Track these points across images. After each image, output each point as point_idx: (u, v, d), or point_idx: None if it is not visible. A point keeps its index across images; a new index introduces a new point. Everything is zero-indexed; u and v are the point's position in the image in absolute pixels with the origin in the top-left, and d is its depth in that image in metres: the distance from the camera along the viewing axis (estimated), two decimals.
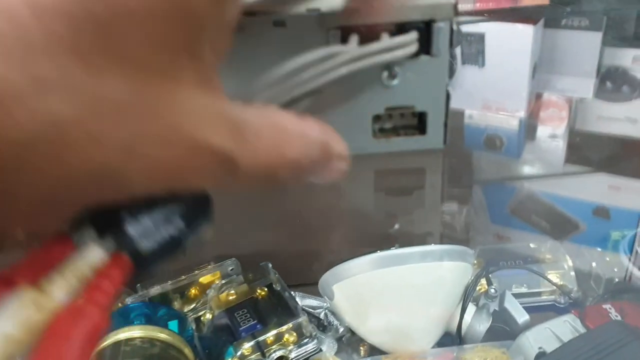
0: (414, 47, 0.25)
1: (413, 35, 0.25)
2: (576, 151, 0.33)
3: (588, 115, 0.37)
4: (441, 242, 0.26)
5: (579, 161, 0.32)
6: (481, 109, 0.39)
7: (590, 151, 0.32)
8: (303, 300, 0.24)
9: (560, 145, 0.35)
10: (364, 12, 0.25)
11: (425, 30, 0.26)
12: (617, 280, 0.24)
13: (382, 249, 0.21)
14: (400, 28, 0.25)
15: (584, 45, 0.41)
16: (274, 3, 0.26)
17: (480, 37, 0.39)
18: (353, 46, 0.24)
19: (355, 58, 0.24)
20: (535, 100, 0.40)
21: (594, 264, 0.24)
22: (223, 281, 0.23)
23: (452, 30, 0.26)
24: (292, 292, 0.23)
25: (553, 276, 0.24)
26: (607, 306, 0.22)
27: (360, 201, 0.29)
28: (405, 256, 0.21)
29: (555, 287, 0.24)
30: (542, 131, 0.37)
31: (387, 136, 0.28)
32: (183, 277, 0.23)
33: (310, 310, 0.24)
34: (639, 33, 0.42)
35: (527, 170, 0.33)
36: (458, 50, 0.39)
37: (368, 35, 0.24)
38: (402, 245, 0.21)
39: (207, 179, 0.12)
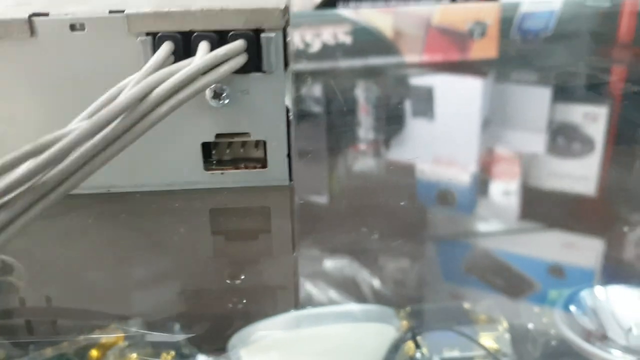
0: (241, 59, 0.22)
1: (239, 44, 0.22)
2: (529, 208, 0.32)
3: (540, 171, 0.37)
4: (380, 302, 0.25)
5: (532, 218, 0.31)
6: (432, 163, 0.38)
7: (543, 208, 0.31)
8: None
9: (513, 201, 0.34)
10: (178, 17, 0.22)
11: (255, 42, 0.23)
12: (554, 343, 0.23)
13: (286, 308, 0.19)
14: (222, 37, 0.23)
15: (533, 100, 0.41)
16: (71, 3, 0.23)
17: (429, 89, 0.39)
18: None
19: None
20: (487, 155, 0.39)
21: (530, 325, 0.23)
22: (126, 343, 0.21)
23: (285, 42, 0.23)
24: (202, 357, 0.21)
25: (487, 338, 0.23)
26: None
27: (195, 246, 0.26)
28: (320, 316, 0.19)
29: (488, 351, 0.22)
30: (495, 187, 0.36)
31: (224, 169, 0.26)
32: (82, 337, 0.21)
33: None
34: (589, 89, 0.42)
35: (480, 226, 0.32)
36: (408, 102, 0.39)
37: (184, 44, 0.22)
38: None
39: None
